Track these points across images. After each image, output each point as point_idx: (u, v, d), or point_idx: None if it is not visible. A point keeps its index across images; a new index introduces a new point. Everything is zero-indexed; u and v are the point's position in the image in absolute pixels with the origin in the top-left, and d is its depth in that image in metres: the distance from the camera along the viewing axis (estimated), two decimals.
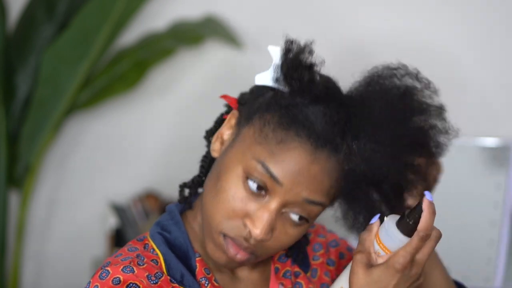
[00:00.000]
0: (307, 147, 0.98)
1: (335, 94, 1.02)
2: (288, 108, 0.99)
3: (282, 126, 0.99)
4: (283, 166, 0.98)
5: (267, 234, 1.00)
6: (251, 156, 1.00)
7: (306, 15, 2.26)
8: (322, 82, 1.01)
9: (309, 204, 0.99)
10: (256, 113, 1.03)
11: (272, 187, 0.99)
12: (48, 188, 2.53)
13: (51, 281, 2.57)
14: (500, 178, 1.97)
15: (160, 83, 2.45)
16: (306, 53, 1.00)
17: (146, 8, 2.38)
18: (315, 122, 0.98)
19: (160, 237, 1.08)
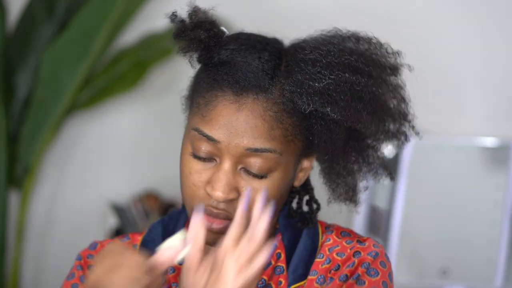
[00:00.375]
0: (229, 97, 1.00)
1: (257, 43, 1.04)
2: (208, 70, 1.03)
3: (208, 87, 1.03)
4: (213, 123, 1.01)
5: (227, 193, 1.01)
6: (190, 128, 1.05)
7: (306, 15, 2.26)
8: (238, 36, 1.05)
9: (256, 152, 1.00)
10: (189, 94, 1.11)
11: (215, 148, 1.01)
12: (48, 188, 2.53)
13: (51, 281, 2.57)
14: (500, 178, 1.97)
15: (160, 83, 2.45)
16: (197, 13, 1.05)
17: (146, 8, 2.38)
18: (235, 73, 1.01)
19: (158, 223, 1.14)
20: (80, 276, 1.07)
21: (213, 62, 1.03)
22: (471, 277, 1.97)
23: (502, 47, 2.09)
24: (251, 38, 1.06)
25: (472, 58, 2.12)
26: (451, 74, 2.14)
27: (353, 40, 1.05)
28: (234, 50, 1.03)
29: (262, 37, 1.08)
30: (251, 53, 1.03)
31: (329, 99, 0.99)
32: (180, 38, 1.05)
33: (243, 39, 1.05)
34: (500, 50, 2.10)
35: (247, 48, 1.03)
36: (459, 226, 1.99)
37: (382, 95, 1.04)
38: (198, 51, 1.04)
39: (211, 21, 1.05)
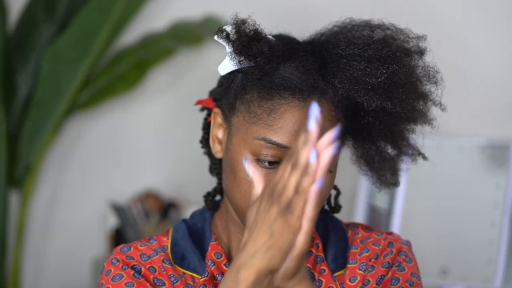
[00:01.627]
0: (295, 104, 1.01)
1: (297, 47, 1.06)
2: (261, 79, 1.03)
3: (265, 97, 1.02)
4: (283, 131, 1.01)
5: None
6: (252, 138, 1.02)
7: (306, 15, 2.26)
8: (278, 42, 1.05)
9: None
10: (236, 99, 1.06)
11: (284, 154, 1.01)
12: (48, 188, 2.53)
13: (51, 281, 2.57)
14: (500, 178, 1.97)
15: (160, 83, 2.45)
16: (246, 25, 1.05)
17: (146, 8, 2.38)
18: (291, 78, 1.02)
19: (182, 224, 1.13)
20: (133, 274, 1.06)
21: (265, 71, 1.03)
22: (471, 277, 1.97)
23: (502, 47, 2.09)
24: (289, 40, 1.07)
25: (472, 58, 2.12)
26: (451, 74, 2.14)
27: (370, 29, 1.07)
28: (283, 56, 1.03)
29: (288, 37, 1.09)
30: (298, 56, 1.04)
31: (388, 94, 1.02)
32: (241, 54, 1.04)
33: (284, 43, 1.06)
34: (500, 50, 2.10)
35: (292, 52, 1.04)
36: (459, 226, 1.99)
37: (418, 80, 1.08)
38: (259, 63, 1.03)
39: (260, 33, 1.05)
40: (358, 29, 1.07)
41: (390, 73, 1.02)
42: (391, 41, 1.06)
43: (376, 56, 1.03)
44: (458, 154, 2.03)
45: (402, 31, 1.09)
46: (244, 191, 1.04)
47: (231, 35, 1.05)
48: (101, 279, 1.09)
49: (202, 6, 2.35)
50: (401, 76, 1.03)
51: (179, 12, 2.37)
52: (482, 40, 2.10)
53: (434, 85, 1.12)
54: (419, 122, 1.10)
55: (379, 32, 1.07)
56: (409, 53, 1.08)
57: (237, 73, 1.06)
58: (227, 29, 1.06)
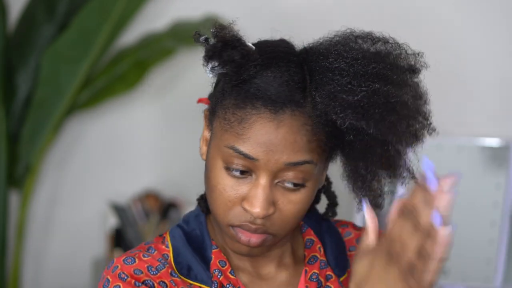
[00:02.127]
0: (266, 115, 0.98)
1: (282, 55, 1.02)
2: (238, 86, 1.00)
3: (239, 105, 1.00)
4: (251, 142, 0.99)
5: (267, 209, 1.00)
6: (223, 145, 1.01)
7: (306, 15, 2.26)
8: (263, 49, 1.02)
9: (295, 166, 0.99)
10: (216, 104, 1.05)
11: (252, 165, 0.99)
12: (48, 188, 2.53)
13: (51, 281, 2.57)
14: (500, 178, 1.97)
15: (160, 83, 2.45)
16: (225, 31, 1.01)
17: (146, 8, 2.38)
18: (267, 88, 0.99)
19: (178, 229, 1.10)
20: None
21: (241, 78, 1.01)
22: (471, 277, 1.97)
23: (502, 48, 2.09)
24: (273, 49, 1.04)
25: (472, 58, 2.12)
26: (451, 74, 2.14)
27: (371, 42, 1.03)
28: (262, 65, 1.00)
29: (279, 44, 1.06)
30: (279, 66, 1.01)
31: (363, 113, 0.97)
32: (212, 59, 1.02)
33: (267, 51, 1.03)
34: (499, 51, 2.10)
35: (273, 61, 1.01)
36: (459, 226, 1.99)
37: (407, 99, 1.02)
38: (229, 70, 1.01)
39: (238, 38, 1.02)
40: (357, 41, 1.03)
41: (371, 91, 0.98)
42: (383, 57, 1.02)
43: (361, 72, 0.99)
44: (458, 154, 2.03)
45: (399, 47, 1.04)
46: (215, 197, 1.02)
47: (209, 40, 1.03)
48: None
49: (202, 6, 2.35)
50: (382, 95, 0.98)
51: (179, 12, 2.37)
52: (482, 41, 2.10)
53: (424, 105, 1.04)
54: (406, 144, 1.02)
55: (379, 45, 1.03)
56: (400, 72, 1.02)
57: (221, 76, 1.04)
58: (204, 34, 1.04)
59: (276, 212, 1.01)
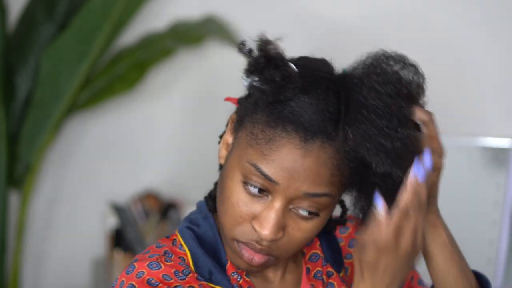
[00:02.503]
0: (295, 141, 0.96)
1: (322, 81, 0.99)
2: (273, 105, 0.98)
3: (270, 124, 0.97)
4: (275, 165, 0.96)
5: (276, 234, 0.98)
6: (245, 160, 0.99)
7: (306, 15, 2.26)
8: (304, 71, 0.99)
9: (313, 197, 0.98)
10: (246, 115, 1.02)
11: (271, 187, 0.97)
12: (48, 188, 2.53)
13: (51, 281, 2.57)
14: (500, 178, 1.97)
15: (160, 83, 2.45)
16: (270, 47, 0.99)
17: (146, 8, 2.38)
18: (301, 114, 0.96)
19: (189, 231, 1.08)
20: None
21: (278, 99, 0.98)
22: None
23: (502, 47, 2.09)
24: (314, 73, 1.00)
25: (472, 58, 2.12)
26: (451, 74, 2.14)
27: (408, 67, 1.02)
28: (300, 88, 0.97)
29: (320, 68, 1.02)
30: (317, 93, 0.97)
31: (398, 161, 0.96)
32: (253, 74, 0.99)
33: (308, 74, 0.99)
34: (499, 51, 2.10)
35: (312, 86, 0.98)
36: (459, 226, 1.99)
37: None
38: (268, 89, 0.98)
39: (282, 58, 0.98)
40: (390, 64, 1.01)
41: (406, 137, 0.97)
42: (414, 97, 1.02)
43: (397, 115, 0.97)
44: (458, 154, 2.03)
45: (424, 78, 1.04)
46: (226, 208, 1.01)
47: (253, 52, 1.00)
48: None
49: (202, 6, 2.35)
50: (415, 141, 0.98)
51: (179, 12, 2.37)
52: (482, 41, 2.10)
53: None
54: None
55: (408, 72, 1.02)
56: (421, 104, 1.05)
57: (257, 88, 1.00)
58: (249, 45, 1.01)
59: (284, 237, 1.00)
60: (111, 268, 2.39)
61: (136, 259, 1.04)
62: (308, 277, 1.12)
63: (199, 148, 2.30)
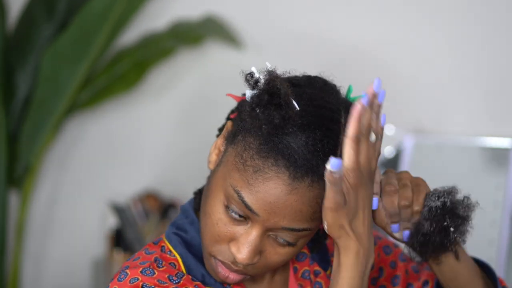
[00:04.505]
0: (284, 177, 0.95)
1: (323, 121, 0.98)
2: (269, 135, 0.96)
3: (261, 153, 0.96)
4: (258, 196, 0.95)
5: (252, 259, 0.98)
6: (229, 183, 0.98)
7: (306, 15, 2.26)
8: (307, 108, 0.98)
9: (291, 231, 0.97)
10: (240, 132, 1.00)
11: (251, 216, 0.97)
12: (48, 188, 2.53)
13: (51, 281, 2.57)
14: (500, 178, 1.97)
15: (160, 83, 2.45)
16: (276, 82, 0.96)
17: (146, 8, 2.38)
18: (296, 151, 0.95)
19: (176, 237, 1.08)
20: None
21: (275, 133, 0.96)
22: None
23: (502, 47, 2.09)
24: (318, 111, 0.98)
25: (472, 58, 2.12)
26: (451, 74, 2.14)
27: None
28: (300, 127, 0.96)
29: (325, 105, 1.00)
30: (315, 133, 0.96)
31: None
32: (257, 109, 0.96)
33: (310, 112, 0.98)
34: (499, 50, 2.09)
35: (312, 126, 0.96)
36: None
37: None
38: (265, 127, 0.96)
39: (285, 97, 0.95)
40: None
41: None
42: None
43: None
44: (458, 154, 2.03)
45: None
46: (206, 223, 1.00)
47: (260, 83, 0.97)
48: None
49: (202, 6, 2.35)
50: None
51: (179, 12, 2.37)
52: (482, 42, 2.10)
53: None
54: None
55: None
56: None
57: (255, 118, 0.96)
58: (256, 76, 0.98)
59: (261, 259, 1.00)
60: (111, 268, 2.39)
61: (127, 265, 1.03)
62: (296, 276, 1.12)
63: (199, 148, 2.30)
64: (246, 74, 0.98)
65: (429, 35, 2.15)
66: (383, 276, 1.19)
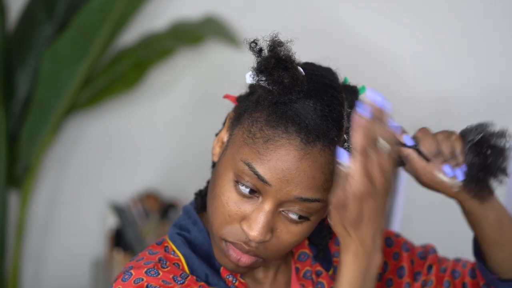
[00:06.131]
0: (296, 143, 0.95)
1: (328, 88, 0.99)
2: (276, 105, 0.97)
3: (270, 124, 0.96)
4: (270, 165, 0.95)
5: (264, 235, 0.98)
6: (239, 158, 0.98)
7: (306, 15, 2.26)
8: (311, 77, 0.99)
9: (304, 201, 0.97)
10: (245, 112, 1.01)
11: (263, 188, 0.96)
12: (48, 188, 2.53)
13: (51, 281, 2.57)
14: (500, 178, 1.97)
15: (160, 83, 2.45)
16: (281, 48, 0.97)
17: (146, 8, 2.38)
18: (306, 116, 0.95)
19: (180, 237, 1.07)
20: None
21: (284, 100, 0.97)
22: None
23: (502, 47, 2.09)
24: (320, 79, 1.00)
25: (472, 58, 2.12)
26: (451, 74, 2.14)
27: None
28: (306, 93, 0.97)
29: (326, 76, 1.02)
30: (323, 98, 0.97)
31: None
32: (262, 74, 0.97)
33: (314, 80, 0.99)
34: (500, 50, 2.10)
35: (318, 92, 0.98)
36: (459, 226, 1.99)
37: None
38: (275, 90, 0.97)
39: (291, 61, 0.97)
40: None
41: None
42: None
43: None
44: None
45: None
46: (215, 207, 1.00)
47: (263, 51, 0.98)
48: None
49: (202, 6, 2.35)
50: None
51: (179, 12, 2.37)
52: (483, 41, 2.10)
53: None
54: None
55: None
56: None
57: (260, 87, 0.98)
58: (260, 44, 0.99)
59: (273, 239, 0.99)
60: (111, 268, 2.39)
61: (131, 266, 1.03)
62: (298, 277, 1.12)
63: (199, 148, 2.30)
64: (250, 43, 0.99)
65: (429, 35, 2.15)
66: (388, 270, 1.19)
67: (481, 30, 2.11)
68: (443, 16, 2.14)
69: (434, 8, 2.15)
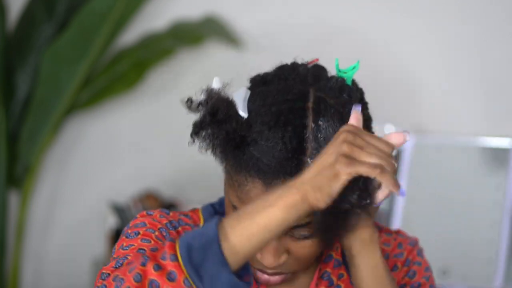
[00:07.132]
0: (259, 186, 0.96)
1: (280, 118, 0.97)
2: (234, 150, 0.98)
3: (236, 170, 0.98)
4: None
5: (278, 259, 0.99)
6: (228, 197, 1.01)
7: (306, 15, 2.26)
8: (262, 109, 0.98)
9: (294, 229, 0.97)
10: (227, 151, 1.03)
11: None
12: (48, 188, 2.53)
13: (51, 281, 2.57)
14: (500, 178, 1.97)
15: (160, 83, 2.45)
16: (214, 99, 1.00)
17: (146, 8, 2.38)
18: (259, 159, 0.96)
19: (210, 207, 1.12)
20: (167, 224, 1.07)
21: (235, 145, 0.98)
22: (471, 277, 1.97)
23: (502, 47, 2.09)
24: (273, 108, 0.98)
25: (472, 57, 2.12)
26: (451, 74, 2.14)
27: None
28: (257, 132, 0.97)
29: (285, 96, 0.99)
30: (275, 132, 0.96)
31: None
32: (203, 131, 1.01)
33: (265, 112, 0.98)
34: (499, 50, 2.10)
35: (269, 126, 0.96)
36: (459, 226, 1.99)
37: None
38: (217, 143, 0.99)
39: (227, 111, 0.98)
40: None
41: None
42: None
43: None
44: (458, 154, 2.03)
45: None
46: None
47: (202, 107, 1.03)
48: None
49: (202, 6, 2.35)
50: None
51: (179, 12, 2.37)
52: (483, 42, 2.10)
53: None
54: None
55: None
56: None
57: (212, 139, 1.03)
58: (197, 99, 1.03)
59: (291, 257, 1.00)
60: None
61: None
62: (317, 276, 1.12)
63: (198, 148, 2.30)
64: (186, 102, 1.04)
65: (430, 35, 2.15)
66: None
67: (481, 30, 2.11)
68: (443, 16, 2.14)
69: (434, 8, 2.15)
